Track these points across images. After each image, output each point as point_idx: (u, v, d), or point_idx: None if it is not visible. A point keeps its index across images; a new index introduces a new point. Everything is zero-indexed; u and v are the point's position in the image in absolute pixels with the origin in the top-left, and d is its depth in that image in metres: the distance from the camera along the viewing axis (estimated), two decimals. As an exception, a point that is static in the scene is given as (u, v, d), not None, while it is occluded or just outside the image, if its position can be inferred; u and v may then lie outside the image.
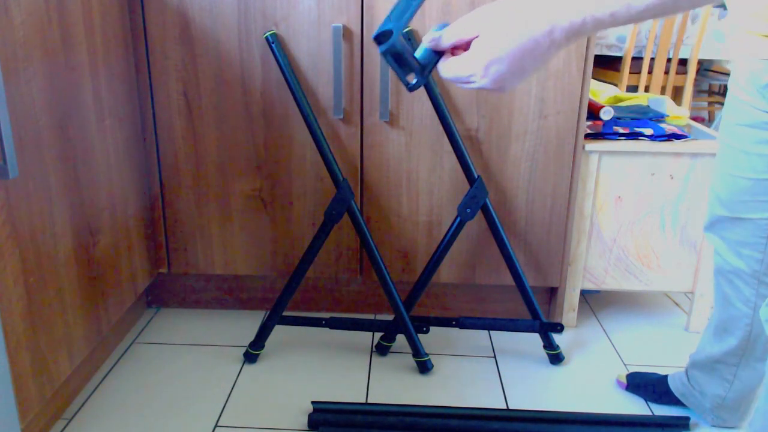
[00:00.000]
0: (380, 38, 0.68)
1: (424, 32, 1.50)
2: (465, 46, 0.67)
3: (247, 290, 1.84)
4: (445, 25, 0.68)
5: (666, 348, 1.71)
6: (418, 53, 0.69)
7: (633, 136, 1.66)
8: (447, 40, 0.67)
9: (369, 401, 1.46)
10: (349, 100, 1.57)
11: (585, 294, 1.97)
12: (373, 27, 1.51)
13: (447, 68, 0.67)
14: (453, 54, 0.68)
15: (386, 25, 0.68)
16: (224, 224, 1.69)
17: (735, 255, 1.21)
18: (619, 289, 1.77)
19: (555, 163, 1.61)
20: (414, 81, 0.70)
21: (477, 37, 0.64)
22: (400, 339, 1.64)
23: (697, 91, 3.99)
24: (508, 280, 1.65)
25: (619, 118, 1.77)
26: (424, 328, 1.61)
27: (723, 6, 1.37)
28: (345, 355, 1.64)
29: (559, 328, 1.58)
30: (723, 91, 4.02)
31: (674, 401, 1.43)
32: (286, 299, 1.57)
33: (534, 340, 1.69)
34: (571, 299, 1.76)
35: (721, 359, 1.30)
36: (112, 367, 1.57)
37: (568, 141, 1.59)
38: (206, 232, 1.70)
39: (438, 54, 0.69)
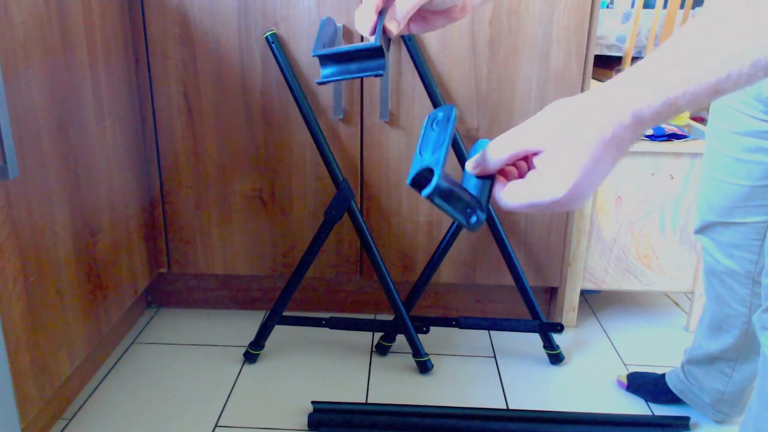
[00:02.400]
0: (419, 180, 0.55)
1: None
2: (516, 164, 0.57)
3: (247, 290, 1.84)
4: (483, 142, 0.57)
5: (666, 348, 1.71)
6: (466, 184, 0.57)
7: (633, 136, 1.66)
8: (497, 162, 0.55)
9: (369, 401, 1.46)
10: (349, 100, 1.57)
11: (585, 294, 1.96)
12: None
13: (513, 196, 0.54)
14: (503, 173, 0.57)
15: (421, 163, 0.55)
16: (224, 224, 1.69)
17: (727, 256, 1.20)
18: (619, 289, 1.77)
19: (555, 163, 1.60)
20: (474, 219, 0.58)
21: (540, 152, 0.53)
22: (400, 339, 1.64)
23: (697, 91, 3.98)
24: (508, 280, 1.65)
25: (619, 118, 1.77)
26: (424, 328, 1.61)
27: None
28: (345, 355, 1.64)
29: (559, 328, 1.58)
30: (723, 91, 4.00)
31: (675, 400, 1.43)
32: (286, 299, 1.57)
33: (534, 340, 1.69)
34: (571, 299, 1.76)
35: (719, 356, 1.29)
36: (112, 367, 1.57)
37: (568, 141, 1.59)
38: (206, 232, 1.70)
39: (488, 178, 0.57)
